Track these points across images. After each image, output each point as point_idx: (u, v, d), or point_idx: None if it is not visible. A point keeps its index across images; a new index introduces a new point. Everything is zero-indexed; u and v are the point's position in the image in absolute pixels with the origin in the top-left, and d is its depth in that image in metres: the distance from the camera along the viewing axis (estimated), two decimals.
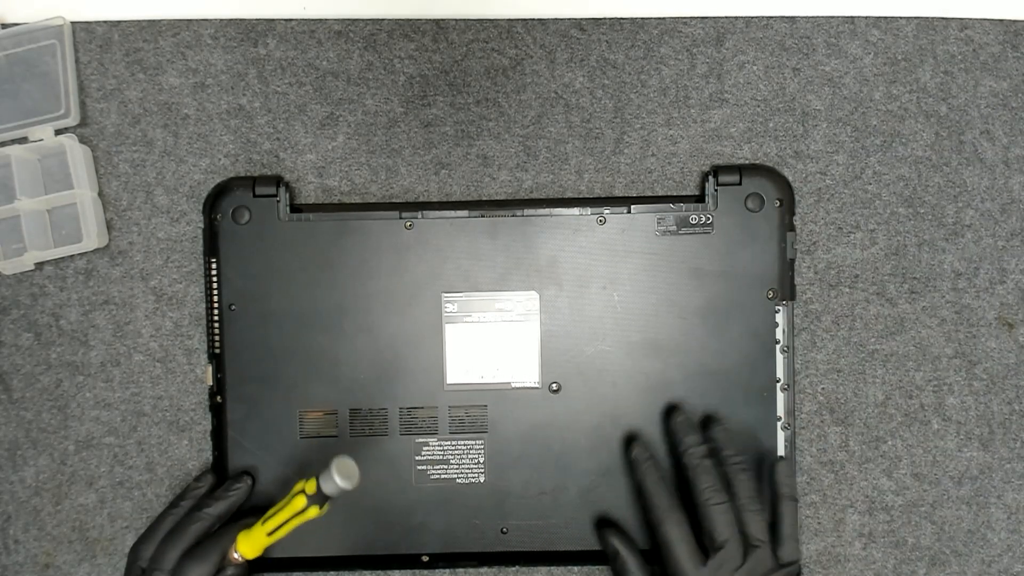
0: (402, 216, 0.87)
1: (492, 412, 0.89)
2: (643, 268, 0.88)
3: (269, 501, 0.86)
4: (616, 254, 0.88)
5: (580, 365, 0.89)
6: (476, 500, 0.89)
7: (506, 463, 0.89)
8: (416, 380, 0.88)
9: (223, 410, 0.88)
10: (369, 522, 0.89)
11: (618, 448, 0.89)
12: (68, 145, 0.89)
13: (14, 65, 0.91)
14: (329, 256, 0.87)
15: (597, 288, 0.88)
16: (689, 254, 0.88)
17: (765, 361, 0.89)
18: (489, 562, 0.91)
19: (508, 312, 0.88)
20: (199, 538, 0.82)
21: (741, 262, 0.88)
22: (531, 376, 0.89)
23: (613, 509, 0.89)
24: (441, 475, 0.89)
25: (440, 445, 0.88)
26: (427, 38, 0.92)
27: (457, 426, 0.89)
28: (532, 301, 0.88)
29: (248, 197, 0.87)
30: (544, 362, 0.89)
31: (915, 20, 0.93)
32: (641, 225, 0.88)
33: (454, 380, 0.88)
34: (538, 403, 0.89)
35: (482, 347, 0.88)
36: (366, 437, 0.88)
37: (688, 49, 0.93)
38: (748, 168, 0.89)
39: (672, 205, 0.88)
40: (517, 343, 0.89)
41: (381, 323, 0.88)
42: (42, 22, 0.90)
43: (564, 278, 0.88)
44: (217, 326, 0.87)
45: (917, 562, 0.94)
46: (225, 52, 0.92)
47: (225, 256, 0.87)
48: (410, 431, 0.88)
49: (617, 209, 0.88)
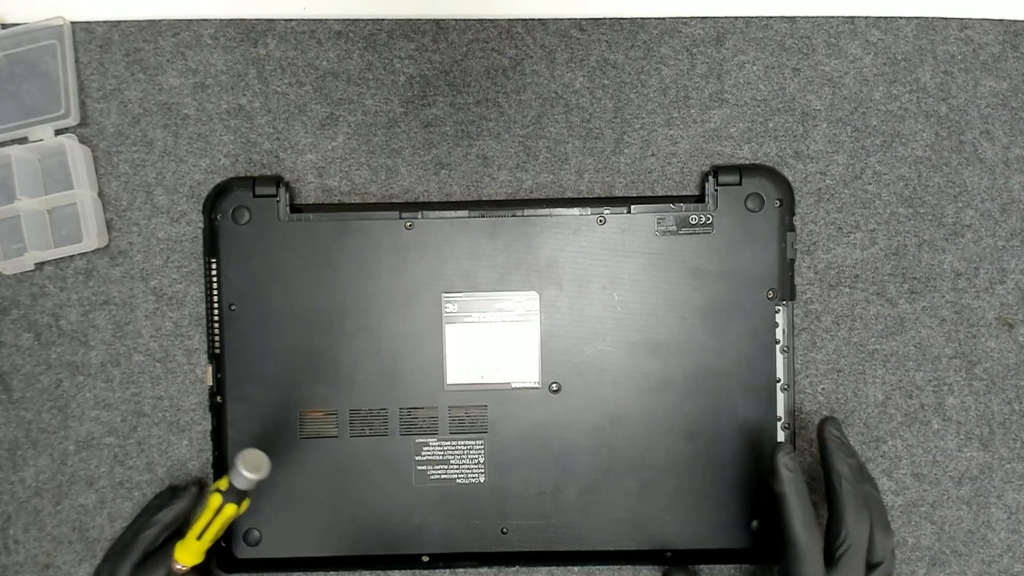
0: (402, 216, 0.87)
1: (492, 412, 0.89)
2: (643, 268, 0.88)
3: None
4: (616, 254, 0.88)
5: (580, 365, 0.89)
6: (476, 500, 0.89)
7: (506, 463, 0.89)
8: (416, 380, 0.88)
9: (223, 410, 0.88)
10: (369, 522, 0.89)
11: (617, 447, 0.89)
12: (68, 145, 0.89)
13: (14, 65, 0.91)
14: (329, 256, 0.87)
15: (597, 288, 0.88)
16: (689, 254, 0.88)
17: (765, 361, 0.89)
18: (489, 562, 0.91)
19: (508, 312, 0.88)
20: (148, 550, 0.83)
21: (741, 262, 0.88)
22: (531, 376, 0.89)
23: (614, 509, 0.89)
24: (441, 475, 0.88)
25: (440, 445, 0.88)
26: (427, 38, 0.92)
27: (457, 426, 0.89)
28: (532, 301, 0.88)
29: (248, 197, 0.87)
30: (544, 362, 0.89)
31: (915, 20, 0.93)
32: (641, 225, 0.88)
33: (454, 380, 0.88)
34: (538, 403, 0.89)
35: (482, 347, 0.88)
36: (366, 437, 0.88)
37: (688, 49, 0.93)
38: (748, 168, 0.89)
39: (672, 205, 0.88)
40: (517, 343, 0.89)
41: (381, 323, 0.88)
42: (42, 22, 0.90)
43: (564, 278, 0.88)
44: (217, 326, 0.87)
45: (917, 562, 0.94)
46: (225, 52, 0.92)
47: (225, 256, 0.87)
48: (410, 431, 0.88)
49: (617, 209, 0.88)
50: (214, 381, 0.88)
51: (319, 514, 0.88)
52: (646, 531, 0.90)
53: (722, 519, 0.90)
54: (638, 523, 0.89)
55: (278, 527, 0.89)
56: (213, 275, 0.87)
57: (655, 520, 0.89)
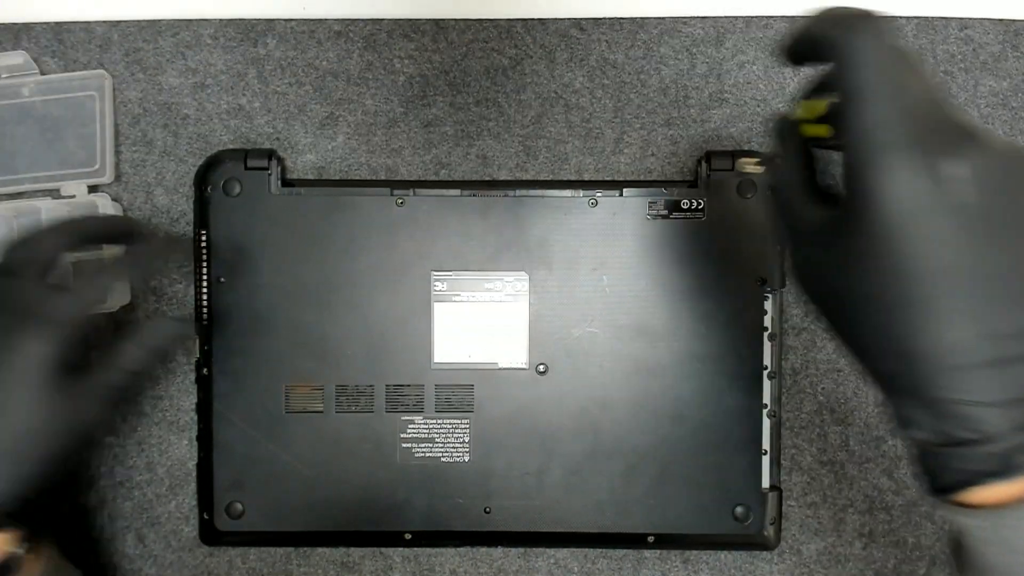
0: (393, 193, 0.88)
1: (478, 392, 0.88)
2: (634, 252, 0.88)
3: None
4: (607, 237, 0.88)
5: (568, 347, 0.88)
6: (460, 479, 0.88)
7: (491, 443, 0.88)
8: (403, 358, 0.88)
9: (209, 382, 0.88)
10: (352, 499, 0.88)
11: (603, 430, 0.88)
12: (101, 204, 0.90)
13: (51, 112, 0.91)
14: (319, 231, 0.88)
15: (587, 270, 0.88)
16: (680, 239, 0.88)
17: (753, 348, 0.88)
18: (472, 541, 0.90)
19: (497, 292, 0.88)
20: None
21: (732, 248, 0.88)
22: (518, 357, 0.88)
23: (598, 491, 0.88)
24: (426, 453, 0.88)
25: (425, 423, 0.88)
26: (427, 38, 0.93)
27: (443, 405, 0.88)
28: (522, 282, 0.88)
29: (240, 170, 0.88)
30: (532, 343, 0.88)
31: (915, 20, 0.93)
32: (632, 209, 0.88)
33: (441, 359, 0.88)
34: (525, 384, 0.88)
35: (470, 327, 0.88)
36: (352, 413, 0.88)
37: (688, 49, 0.93)
38: (741, 154, 0.89)
39: (664, 189, 0.88)
40: (505, 324, 0.88)
41: (370, 300, 0.88)
42: (83, 73, 0.92)
43: (554, 260, 0.88)
44: (205, 298, 0.88)
45: (917, 562, 0.92)
46: (225, 52, 0.93)
47: (215, 228, 0.88)
48: (396, 409, 0.88)
49: (609, 192, 0.88)
50: (201, 353, 0.88)
51: (303, 489, 0.88)
52: (629, 514, 0.88)
53: (706, 504, 0.88)
54: (621, 506, 0.88)
55: (261, 501, 0.88)
56: (202, 247, 0.88)
57: (639, 503, 0.88)
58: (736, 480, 0.88)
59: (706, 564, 0.93)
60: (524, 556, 0.93)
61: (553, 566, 0.93)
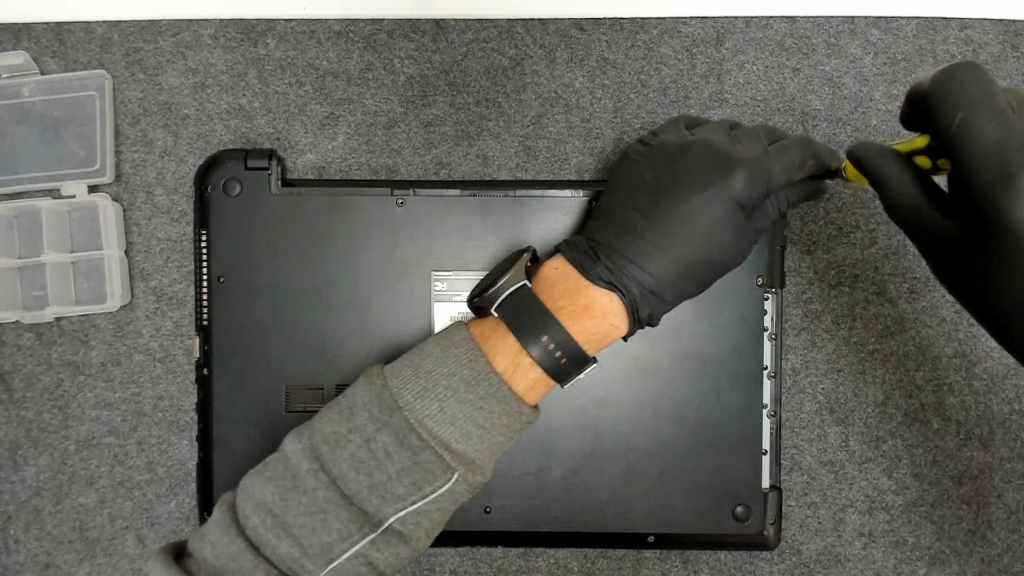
0: (393, 193, 0.87)
1: None
2: None
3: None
4: None
5: None
6: None
7: None
8: None
9: (209, 382, 0.88)
10: None
11: (602, 430, 0.88)
12: (101, 205, 0.90)
13: (52, 112, 0.92)
14: (319, 231, 0.87)
15: None
16: None
17: (753, 348, 0.88)
18: (472, 541, 0.91)
19: None
20: None
21: None
22: None
23: (598, 491, 0.88)
24: None
25: None
26: (427, 38, 0.93)
27: None
28: None
29: (240, 170, 0.87)
30: None
31: (915, 20, 0.93)
32: None
33: None
34: None
35: None
36: None
37: (688, 49, 0.93)
38: None
39: None
40: None
41: (370, 300, 0.88)
42: (83, 73, 0.92)
43: None
44: (205, 298, 0.88)
45: (917, 562, 0.92)
46: (225, 52, 0.93)
47: (215, 228, 0.88)
48: None
49: None
50: (201, 353, 0.88)
51: None
52: (629, 514, 0.88)
53: (706, 504, 0.88)
54: (621, 506, 0.88)
55: None
56: (203, 247, 0.88)
57: (638, 504, 0.88)
58: (736, 480, 0.88)
59: (706, 564, 0.93)
60: (524, 556, 0.93)
61: (553, 566, 0.93)
